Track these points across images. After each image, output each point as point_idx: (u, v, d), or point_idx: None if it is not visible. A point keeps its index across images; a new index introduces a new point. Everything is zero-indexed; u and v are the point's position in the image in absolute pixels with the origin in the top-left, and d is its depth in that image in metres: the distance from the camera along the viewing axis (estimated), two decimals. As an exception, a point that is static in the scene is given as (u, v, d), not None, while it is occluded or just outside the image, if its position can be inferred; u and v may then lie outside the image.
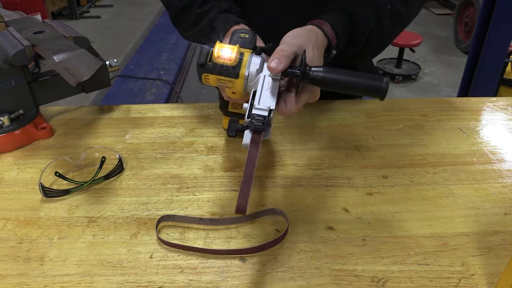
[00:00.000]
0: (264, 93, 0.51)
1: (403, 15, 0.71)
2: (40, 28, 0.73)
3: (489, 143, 0.73)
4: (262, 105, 0.49)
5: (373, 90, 0.50)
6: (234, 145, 0.72)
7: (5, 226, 0.57)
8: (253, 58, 0.54)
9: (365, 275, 0.49)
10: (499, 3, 1.89)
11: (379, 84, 0.49)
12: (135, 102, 2.21)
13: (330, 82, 0.51)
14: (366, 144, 0.72)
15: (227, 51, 0.52)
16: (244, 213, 0.43)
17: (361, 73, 0.51)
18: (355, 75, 0.51)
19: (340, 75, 0.51)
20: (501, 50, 2.03)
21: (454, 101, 0.86)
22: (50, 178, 0.65)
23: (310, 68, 0.51)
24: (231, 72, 0.53)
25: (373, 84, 0.50)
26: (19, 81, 0.71)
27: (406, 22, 0.74)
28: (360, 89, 0.51)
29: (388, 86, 0.50)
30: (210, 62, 0.54)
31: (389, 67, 3.53)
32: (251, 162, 0.46)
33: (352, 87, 0.51)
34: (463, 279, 0.48)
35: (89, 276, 0.49)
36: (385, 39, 0.73)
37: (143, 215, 0.58)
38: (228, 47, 0.53)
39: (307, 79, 0.51)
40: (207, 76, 0.55)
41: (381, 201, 0.60)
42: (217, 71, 0.54)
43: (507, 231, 0.55)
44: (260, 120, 0.48)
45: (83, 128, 0.78)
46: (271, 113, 0.49)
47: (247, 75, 0.53)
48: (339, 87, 0.51)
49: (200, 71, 0.55)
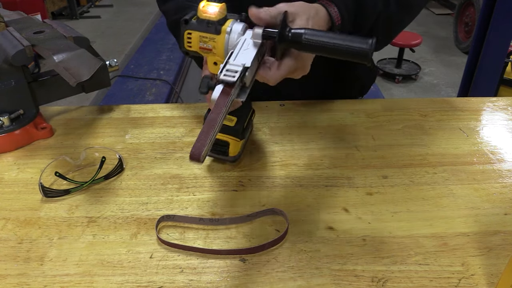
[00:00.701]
0: (242, 52, 0.50)
1: (410, 3, 0.71)
2: (40, 28, 0.73)
3: (489, 143, 0.73)
4: (237, 62, 0.48)
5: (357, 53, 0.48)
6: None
7: (5, 226, 0.57)
8: (236, 23, 0.53)
9: (365, 275, 0.49)
10: (499, 3, 1.89)
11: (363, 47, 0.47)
12: (135, 102, 2.21)
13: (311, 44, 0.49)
14: (366, 144, 0.72)
15: (213, 7, 0.52)
16: (198, 159, 0.39)
17: (346, 36, 0.49)
18: (338, 37, 0.49)
19: (322, 37, 0.49)
20: (501, 50, 2.03)
21: (454, 101, 0.86)
22: (50, 178, 0.65)
23: (290, 30, 0.50)
24: (213, 28, 0.53)
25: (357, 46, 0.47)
26: (19, 81, 0.71)
27: (414, 11, 0.73)
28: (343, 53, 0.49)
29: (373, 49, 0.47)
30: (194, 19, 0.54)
31: (389, 67, 3.53)
32: (216, 110, 0.43)
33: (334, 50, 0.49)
34: (463, 279, 0.48)
35: (89, 276, 0.49)
36: (393, 26, 0.71)
37: (143, 215, 0.58)
38: (214, 4, 0.52)
39: (287, 41, 0.50)
40: (190, 34, 0.54)
41: (381, 201, 0.60)
42: (200, 27, 0.53)
43: (507, 231, 0.55)
44: (231, 74, 0.46)
45: (83, 128, 0.78)
46: (246, 71, 0.47)
47: (229, 30, 0.52)
48: (320, 50, 0.50)
49: (183, 28, 0.54)
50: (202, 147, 0.39)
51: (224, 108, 0.43)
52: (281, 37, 0.50)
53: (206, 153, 0.40)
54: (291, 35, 0.50)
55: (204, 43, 0.54)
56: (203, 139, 0.40)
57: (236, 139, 0.64)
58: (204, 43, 0.54)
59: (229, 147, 0.65)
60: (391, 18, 0.68)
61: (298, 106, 0.83)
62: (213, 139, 0.42)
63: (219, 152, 0.66)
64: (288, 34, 0.50)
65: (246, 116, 0.67)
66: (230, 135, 0.64)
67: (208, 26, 0.53)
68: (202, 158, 0.39)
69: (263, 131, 0.76)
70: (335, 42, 0.49)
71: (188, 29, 0.54)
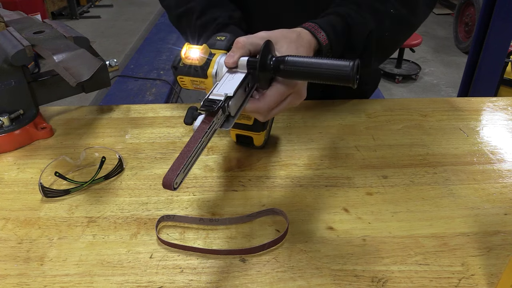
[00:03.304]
0: (226, 83, 0.50)
1: (407, 20, 0.69)
2: (40, 28, 0.73)
3: (489, 143, 0.73)
4: (219, 91, 0.48)
5: (340, 77, 0.47)
6: (234, 145, 0.72)
7: (5, 226, 0.57)
8: (223, 56, 0.53)
9: (365, 275, 0.49)
10: (499, 3, 1.89)
11: (345, 70, 0.46)
12: (135, 102, 2.21)
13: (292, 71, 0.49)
14: (366, 144, 0.72)
15: (195, 51, 0.52)
16: (169, 187, 0.39)
17: (328, 60, 0.48)
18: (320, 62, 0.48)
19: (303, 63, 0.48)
20: (501, 50, 2.03)
21: (454, 101, 0.86)
22: (50, 178, 0.65)
23: (272, 57, 0.49)
24: (200, 72, 0.53)
25: (338, 70, 0.46)
26: (19, 81, 0.71)
27: (411, 28, 0.72)
28: (326, 77, 0.48)
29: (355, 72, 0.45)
30: (181, 65, 0.54)
31: (389, 67, 3.53)
32: (194, 138, 0.43)
33: (317, 75, 0.48)
34: (463, 279, 0.48)
35: (89, 276, 0.49)
36: (388, 44, 0.71)
37: (143, 215, 0.58)
38: (195, 47, 0.53)
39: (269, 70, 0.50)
40: (182, 79, 0.55)
41: (381, 201, 0.60)
42: (188, 72, 0.54)
43: (507, 231, 0.55)
44: (212, 103, 0.46)
45: (83, 128, 0.78)
46: (229, 100, 0.47)
47: (214, 73, 0.53)
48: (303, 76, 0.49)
49: (174, 74, 0.56)
50: (173, 175, 0.39)
51: (203, 137, 0.43)
52: (262, 66, 0.50)
53: (180, 180, 0.40)
54: (272, 63, 0.50)
55: (197, 84, 0.56)
56: (176, 167, 0.40)
57: (257, 133, 0.67)
58: (197, 84, 0.56)
59: (254, 140, 0.67)
60: (384, 37, 0.67)
61: (298, 106, 0.82)
62: (190, 167, 0.42)
63: (247, 144, 0.70)
64: (269, 63, 0.50)
65: None
66: (251, 131, 0.66)
67: (195, 71, 0.54)
68: (174, 186, 0.39)
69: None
70: (317, 67, 0.48)
71: (179, 75, 0.56)
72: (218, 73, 0.53)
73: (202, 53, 0.52)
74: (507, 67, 2.36)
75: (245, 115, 0.64)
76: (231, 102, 0.48)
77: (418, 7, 0.70)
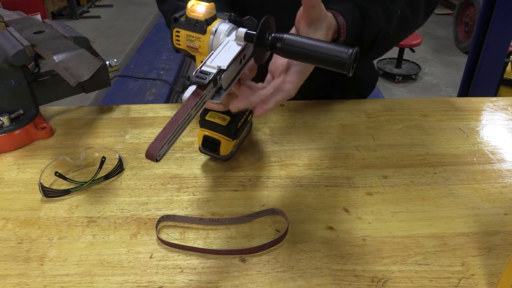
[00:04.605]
0: (221, 54, 0.49)
1: (409, 22, 0.70)
2: (40, 28, 0.73)
3: (489, 143, 0.73)
4: (213, 63, 0.47)
5: (335, 62, 0.46)
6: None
7: (5, 226, 0.57)
8: (223, 23, 0.53)
9: (365, 275, 0.49)
10: (499, 3, 1.89)
11: (342, 57, 0.45)
12: (135, 102, 2.21)
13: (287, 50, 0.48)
14: (366, 144, 0.72)
15: (201, 6, 0.52)
16: (152, 158, 0.38)
17: (327, 44, 0.47)
18: (319, 45, 0.47)
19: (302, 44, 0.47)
20: (501, 50, 2.03)
21: (454, 101, 0.86)
22: (50, 178, 0.65)
23: (271, 33, 0.48)
24: (200, 28, 0.52)
25: (335, 55, 0.46)
26: (19, 81, 0.71)
27: (411, 30, 0.73)
28: (321, 60, 0.47)
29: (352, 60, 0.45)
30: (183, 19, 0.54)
31: (389, 67, 3.53)
32: (181, 110, 0.42)
33: (312, 58, 0.47)
34: (463, 279, 0.48)
35: (89, 276, 0.49)
36: (389, 42, 0.71)
37: (143, 215, 0.58)
38: (202, 3, 0.52)
39: (265, 45, 0.49)
40: (178, 32, 0.54)
41: (381, 201, 0.60)
42: (187, 26, 0.53)
43: (507, 231, 0.55)
44: (204, 76, 0.45)
45: (83, 128, 0.78)
46: (221, 73, 0.47)
47: (214, 30, 0.52)
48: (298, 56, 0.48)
49: (172, 26, 0.55)
50: (157, 146, 0.39)
51: (192, 109, 0.43)
52: (259, 40, 0.48)
53: (164, 152, 0.40)
54: (271, 39, 0.49)
55: (191, 42, 0.54)
56: (161, 138, 0.40)
57: (227, 139, 0.64)
58: (191, 42, 0.54)
59: (220, 146, 0.65)
60: (390, 35, 0.68)
61: (298, 106, 0.83)
62: (175, 139, 0.41)
63: (210, 150, 0.66)
64: (267, 37, 0.49)
65: (241, 116, 0.66)
66: (221, 134, 0.64)
67: (195, 26, 0.53)
68: (157, 157, 0.39)
69: (262, 131, 0.76)
70: (314, 50, 0.47)
71: (176, 27, 0.55)
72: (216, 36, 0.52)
73: (209, 9, 0.52)
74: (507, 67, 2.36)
75: (220, 115, 0.63)
76: (224, 75, 0.47)
77: (420, 10, 0.71)
